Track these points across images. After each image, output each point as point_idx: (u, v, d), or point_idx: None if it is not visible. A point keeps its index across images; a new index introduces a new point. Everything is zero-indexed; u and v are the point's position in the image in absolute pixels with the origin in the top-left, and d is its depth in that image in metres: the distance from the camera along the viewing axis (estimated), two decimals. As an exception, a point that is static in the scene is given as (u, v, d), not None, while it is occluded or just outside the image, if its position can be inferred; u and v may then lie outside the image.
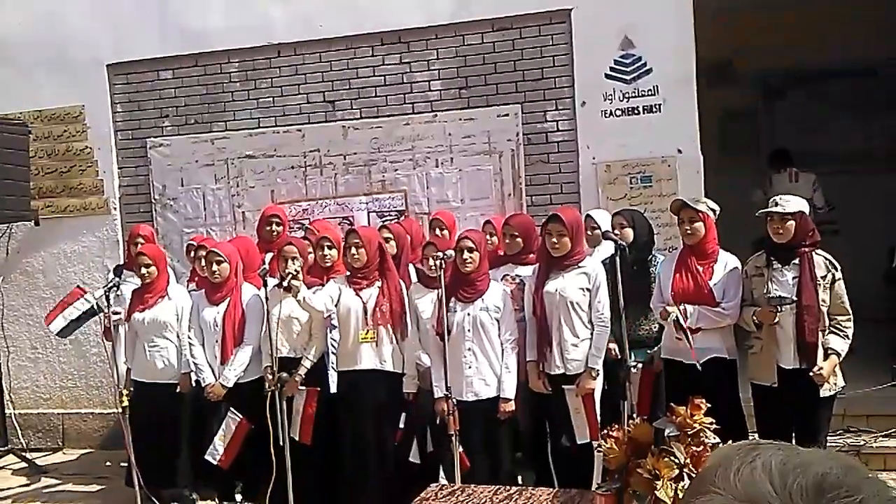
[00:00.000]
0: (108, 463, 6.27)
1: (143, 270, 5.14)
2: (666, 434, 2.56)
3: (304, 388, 4.84)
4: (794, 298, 4.14)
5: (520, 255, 4.91)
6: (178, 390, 5.18)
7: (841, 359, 4.25)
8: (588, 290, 4.48)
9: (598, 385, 4.45)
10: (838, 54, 8.02)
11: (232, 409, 4.97)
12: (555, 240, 4.46)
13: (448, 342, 4.37)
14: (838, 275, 4.26)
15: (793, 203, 4.26)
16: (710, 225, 4.46)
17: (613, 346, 4.49)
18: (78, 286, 5.90)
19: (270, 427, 4.49)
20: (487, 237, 5.07)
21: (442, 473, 4.53)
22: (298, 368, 4.88)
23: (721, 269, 4.43)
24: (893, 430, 5.39)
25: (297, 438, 4.76)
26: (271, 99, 6.56)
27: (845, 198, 7.58)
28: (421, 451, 4.82)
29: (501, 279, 4.85)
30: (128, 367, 5.34)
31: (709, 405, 2.64)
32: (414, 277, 5.17)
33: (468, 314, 4.54)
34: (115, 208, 6.88)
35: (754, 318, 4.28)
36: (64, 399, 7.07)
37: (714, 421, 2.65)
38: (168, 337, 5.22)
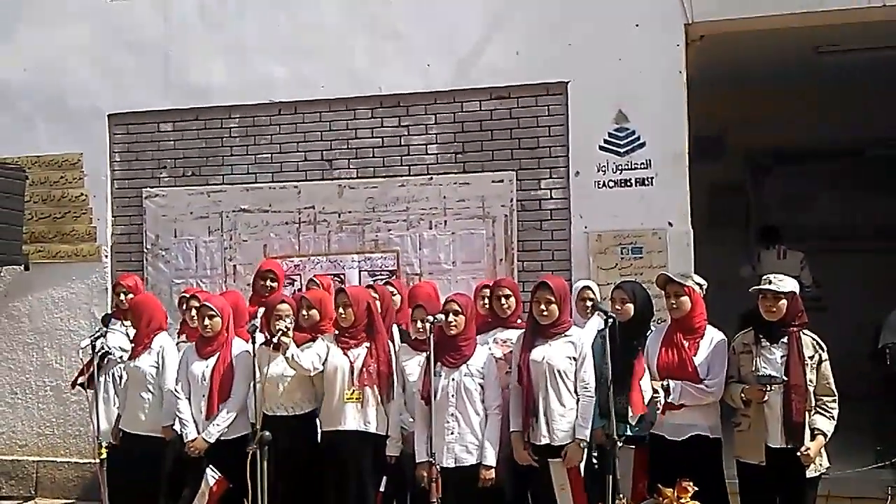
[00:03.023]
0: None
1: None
2: (652, 515, 2.55)
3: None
4: (785, 378, 4.15)
5: (510, 317, 4.92)
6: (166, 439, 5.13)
7: (827, 440, 4.25)
8: (574, 359, 4.46)
9: (582, 458, 4.40)
10: (826, 133, 8.22)
11: (211, 466, 4.90)
12: (543, 307, 4.47)
13: (433, 407, 4.34)
14: (825, 356, 4.30)
15: (787, 283, 4.30)
16: (696, 300, 4.49)
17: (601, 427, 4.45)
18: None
19: (249, 487, 4.42)
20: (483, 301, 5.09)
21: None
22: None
23: (707, 345, 4.44)
24: (877, 512, 5.37)
25: None
26: (269, 155, 6.63)
27: (831, 275, 7.68)
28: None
29: (493, 342, 4.84)
30: (119, 414, 5.30)
31: (696, 488, 2.63)
32: (397, 338, 5.16)
33: (453, 379, 4.52)
34: (106, 256, 6.88)
35: (742, 395, 4.28)
36: (40, 446, 6.96)
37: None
38: (151, 389, 5.18)
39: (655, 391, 4.26)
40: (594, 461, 4.49)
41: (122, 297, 5.77)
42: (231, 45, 6.67)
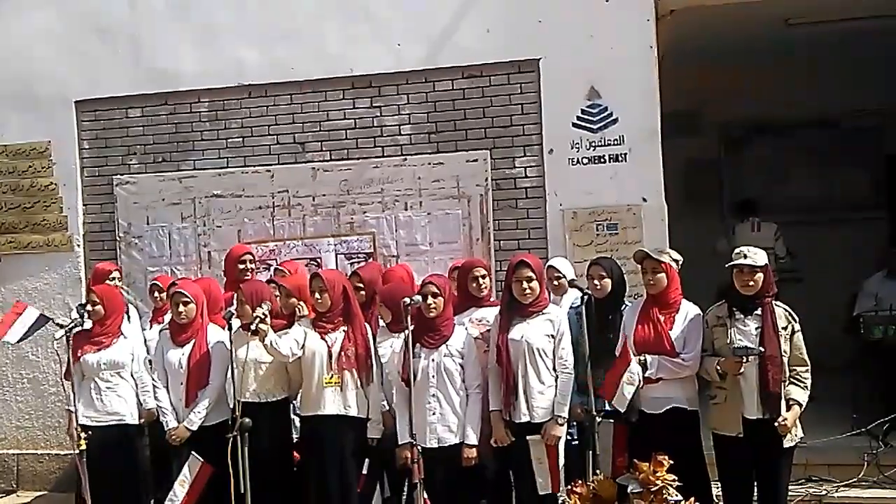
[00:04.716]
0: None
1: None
2: (629, 490, 2.57)
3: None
4: (762, 349, 4.19)
5: (484, 297, 4.92)
6: (141, 423, 5.13)
7: (802, 409, 4.30)
8: (553, 336, 4.49)
9: (562, 435, 4.44)
10: (801, 106, 8.25)
11: (194, 452, 4.88)
12: (524, 285, 4.49)
13: (412, 388, 4.35)
14: (797, 326, 4.35)
15: (760, 256, 4.33)
16: (672, 275, 4.51)
17: (580, 403, 4.47)
18: (17, 301, 5.86)
19: (231, 472, 4.41)
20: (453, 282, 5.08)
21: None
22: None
23: (682, 319, 4.47)
24: (854, 479, 5.44)
25: None
26: (241, 139, 6.56)
27: (807, 246, 7.75)
28: (383, 497, 4.76)
29: (468, 321, 4.84)
30: (71, 411, 5.16)
31: (671, 462, 2.64)
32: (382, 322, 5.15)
33: (433, 360, 4.54)
34: (78, 245, 6.80)
35: (718, 368, 4.31)
36: (20, 439, 6.90)
37: (677, 478, 2.66)
38: (124, 377, 5.15)
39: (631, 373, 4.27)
40: (569, 437, 4.54)
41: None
42: (199, 29, 6.57)
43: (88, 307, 5.16)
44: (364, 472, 4.71)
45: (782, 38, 7.27)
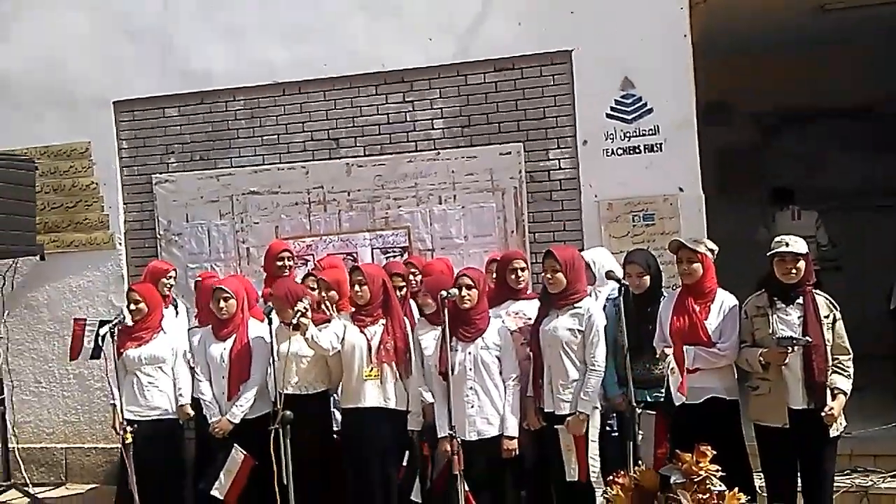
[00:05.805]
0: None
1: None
2: (672, 481, 2.57)
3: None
4: (809, 339, 4.13)
5: (521, 289, 4.94)
6: (179, 421, 5.24)
7: (846, 398, 4.26)
8: (580, 331, 4.47)
9: (593, 426, 4.44)
10: (838, 93, 8.14)
11: (236, 445, 4.97)
12: (549, 276, 4.52)
13: (451, 381, 4.38)
14: (838, 314, 4.30)
15: (801, 244, 4.28)
16: (708, 265, 4.48)
17: (621, 394, 4.47)
18: (75, 319, 5.94)
19: (274, 465, 4.48)
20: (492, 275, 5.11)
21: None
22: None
23: (718, 309, 4.44)
24: (901, 470, 5.38)
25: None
26: (276, 136, 6.63)
27: (846, 235, 7.65)
28: (423, 489, 4.81)
29: (504, 314, 4.86)
30: (115, 405, 5.25)
31: (714, 452, 2.64)
32: (416, 313, 5.20)
33: (469, 353, 4.57)
34: (120, 243, 6.92)
35: (761, 358, 4.26)
36: (67, 433, 7.05)
37: (720, 468, 2.65)
38: (165, 372, 5.26)
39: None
40: (609, 428, 4.54)
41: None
42: (232, 27, 6.64)
43: (131, 306, 5.25)
44: (404, 463, 4.76)
45: (817, 24, 7.18)
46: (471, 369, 4.55)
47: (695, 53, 5.91)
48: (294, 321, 4.64)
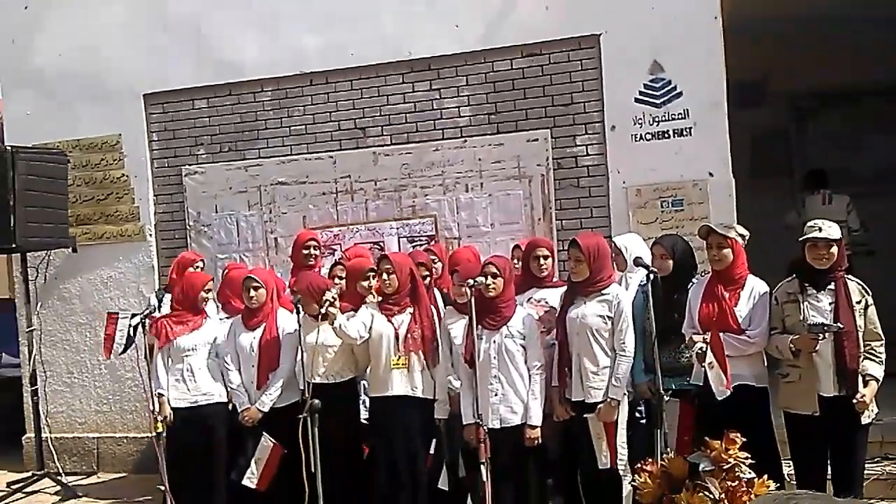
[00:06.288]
0: (160, 487, 5.51)
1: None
2: (700, 469, 2.54)
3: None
4: (841, 325, 4.06)
5: (545, 277, 4.91)
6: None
7: (879, 385, 4.19)
8: (609, 317, 4.44)
9: (622, 413, 4.41)
10: (869, 73, 7.96)
11: (265, 433, 5.01)
12: (572, 265, 4.49)
13: (477, 369, 4.37)
14: (870, 300, 4.22)
15: (834, 229, 4.21)
16: (738, 251, 4.42)
17: (648, 381, 4.44)
18: (109, 312, 5.94)
19: (303, 453, 4.51)
20: (515, 262, 5.08)
21: (470, 501, 4.53)
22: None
23: (748, 296, 4.38)
24: (933, 457, 5.28)
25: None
26: (303, 126, 6.65)
27: (878, 218, 7.49)
28: (450, 477, 4.81)
29: (527, 302, 4.84)
30: (159, 394, 5.25)
31: (744, 439, 2.60)
32: (440, 302, 5.18)
33: (494, 341, 4.54)
34: (150, 235, 7.00)
35: (791, 345, 4.20)
36: (99, 423, 7.17)
37: (749, 455, 2.62)
38: (212, 357, 5.29)
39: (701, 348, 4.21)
40: (637, 415, 4.50)
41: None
42: (259, 17, 6.68)
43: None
44: (431, 451, 4.76)
45: (851, 2, 7.01)
46: (495, 357, 4.53)
47: (725, 33, 5.81)
48: (323, 310, 4.66)
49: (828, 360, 4.15)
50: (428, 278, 5.19)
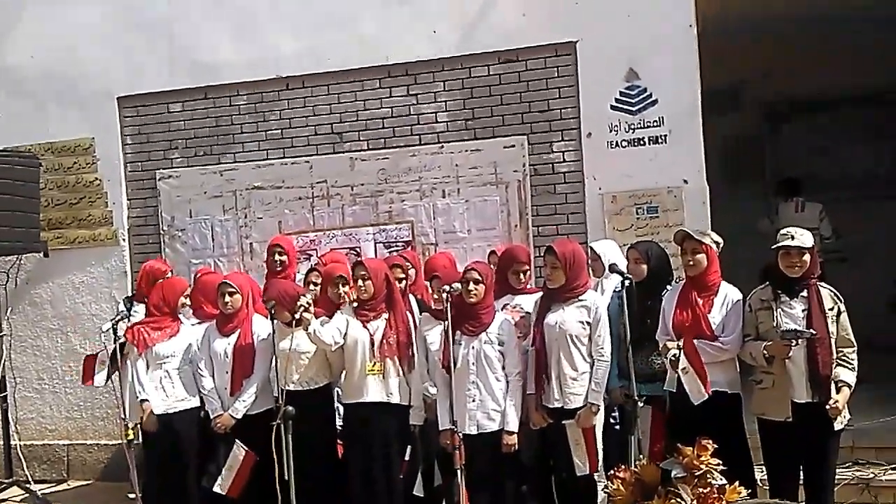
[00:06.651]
0: (130, 495, 5.52)
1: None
2: (673, 475, 2.55)
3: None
4: (814, 332, 4.09)
5: (522, 285, 4.91)
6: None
7: (851, 391, 4.22)
8: (588, 323, 4.45)
9: (599, 419, 4.42)
10: (845, 81, 8.05)
11: (238, 440, 4.96)
12: (549, 271, 4.49)
13: (453, 375, 4.36)
14: (843, 307, 4.25)
15: (807, 237, 4.24)
16: (712, 257, 4.44)
17: (620, 387, 4.45)
18: (87, 356, 5.63)
19: (276, 460, 4.47)
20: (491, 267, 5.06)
21: (445, 508, 4.53)
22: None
23: (721, 303, 4.40)
24: (902, 462, 5.34)
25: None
26: (280, 131, 6.62)
27: (851, 225, 7.58)
28: (425, 484, 4.79)
29: (502, 308, 4.83)
30: (142, 399, 5.17)
31: (716, 446, 2.61)
32: (415, 308, 5.17)
33: (473, 347, 4.54)
34: (123, 239, 6.93)
35: (765, 352, 4.22)
36: (69, 430, 7.08)
37: (721, 462, 2.63)
38: (186, 365, 5.24)
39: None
40: (612, 421, 4.51)
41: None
42: (236, 21, 6.65)
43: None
44: (406, 458, 4.74)
45: (825, 11, 7.09)
46: (473, 364, 4.52)
47: (700, 40, 5.87)
48: (297, 316, 4.62)
49: (801, 366, 4.17)
50: (404, 281, 5.18)
